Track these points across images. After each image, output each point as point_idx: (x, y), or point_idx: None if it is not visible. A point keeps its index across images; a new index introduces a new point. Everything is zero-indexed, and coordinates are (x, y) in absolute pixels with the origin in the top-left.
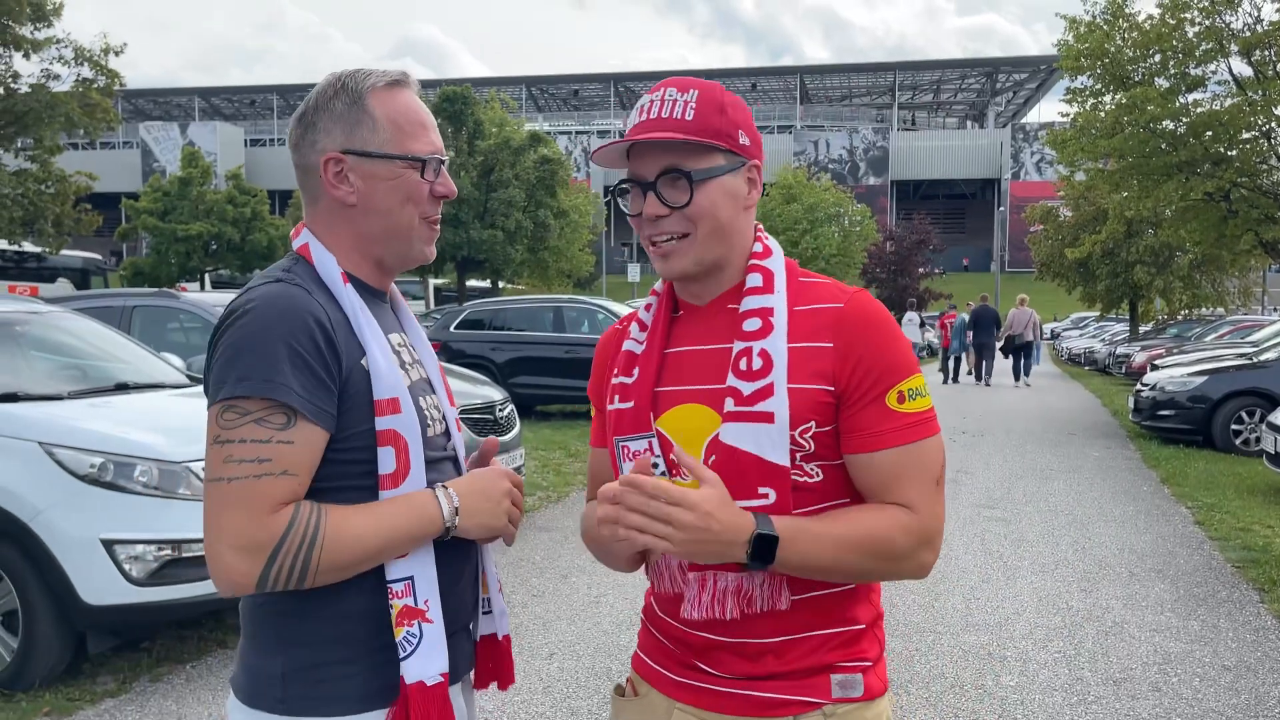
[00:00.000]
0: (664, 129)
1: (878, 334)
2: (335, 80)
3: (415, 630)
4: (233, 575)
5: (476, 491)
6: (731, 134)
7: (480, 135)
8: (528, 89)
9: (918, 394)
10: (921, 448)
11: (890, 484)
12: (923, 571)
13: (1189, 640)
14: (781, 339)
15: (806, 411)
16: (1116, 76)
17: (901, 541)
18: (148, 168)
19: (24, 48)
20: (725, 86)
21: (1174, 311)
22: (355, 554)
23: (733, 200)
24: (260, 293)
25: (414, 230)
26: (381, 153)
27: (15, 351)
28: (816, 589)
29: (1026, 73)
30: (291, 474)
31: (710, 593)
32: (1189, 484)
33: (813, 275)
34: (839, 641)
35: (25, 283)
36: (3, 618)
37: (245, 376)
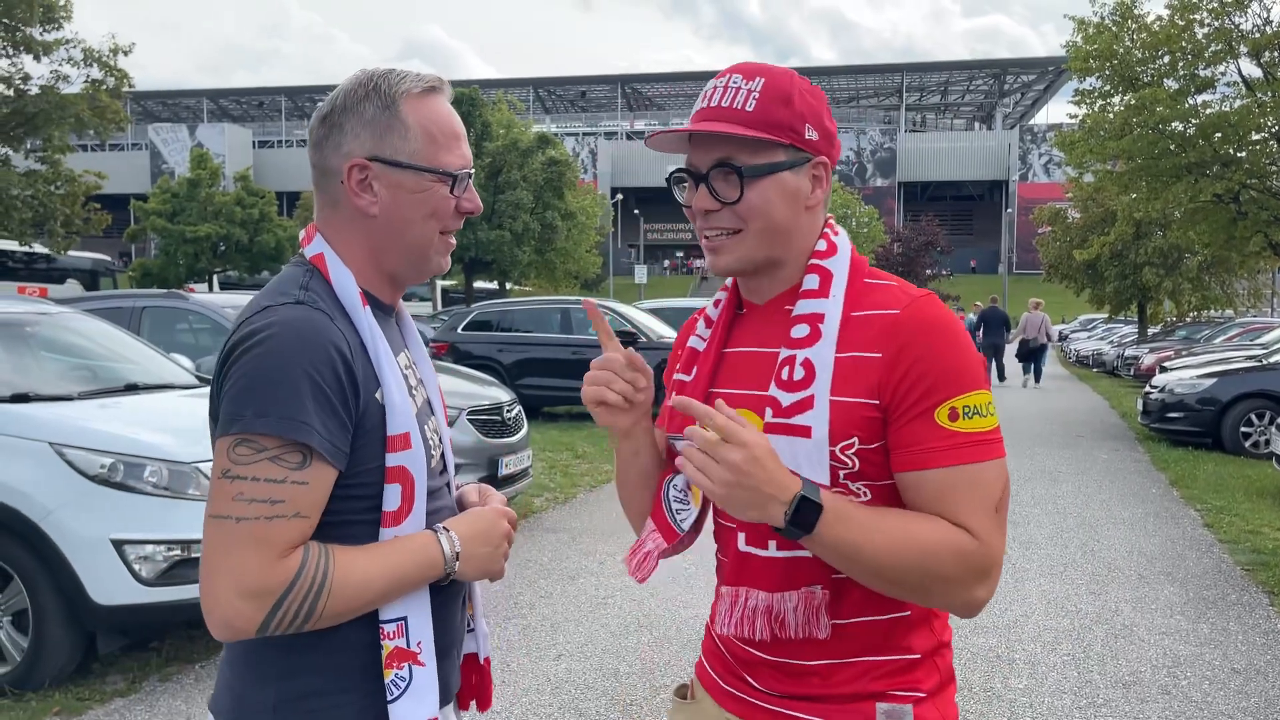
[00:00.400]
0: (720, 119)
1: (933, 343)
2: (367, 80)
3: (405, 673)
4: (235, 621)
5: (478, 535)
6: (796, 128)
7: (488, 137)
8: (535, 90)
9: (976, 412)
10: (977, 470)
11: (942, 507)
12: (971, 608)
13: (1198, 643)
14: (829, 348)
15: (849, 427)
16: (1125, 78)
17: (951, 564)
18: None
19: (34, 49)
20: None
21: (1183, 313)
22: (360, 600)
23: (791, 199)
24: (280, 316)
25: (432, 245)
26: (411, 164)
27: (26, 352)
28: (863, 615)
29: (1034, 74)
30: (304, 516)
31: (740, 610)
32: (1198, 486)
33: (881, 276)
34: (889, 669)
35: (35, 284)
36: (13, 617)
37: (264, 412)
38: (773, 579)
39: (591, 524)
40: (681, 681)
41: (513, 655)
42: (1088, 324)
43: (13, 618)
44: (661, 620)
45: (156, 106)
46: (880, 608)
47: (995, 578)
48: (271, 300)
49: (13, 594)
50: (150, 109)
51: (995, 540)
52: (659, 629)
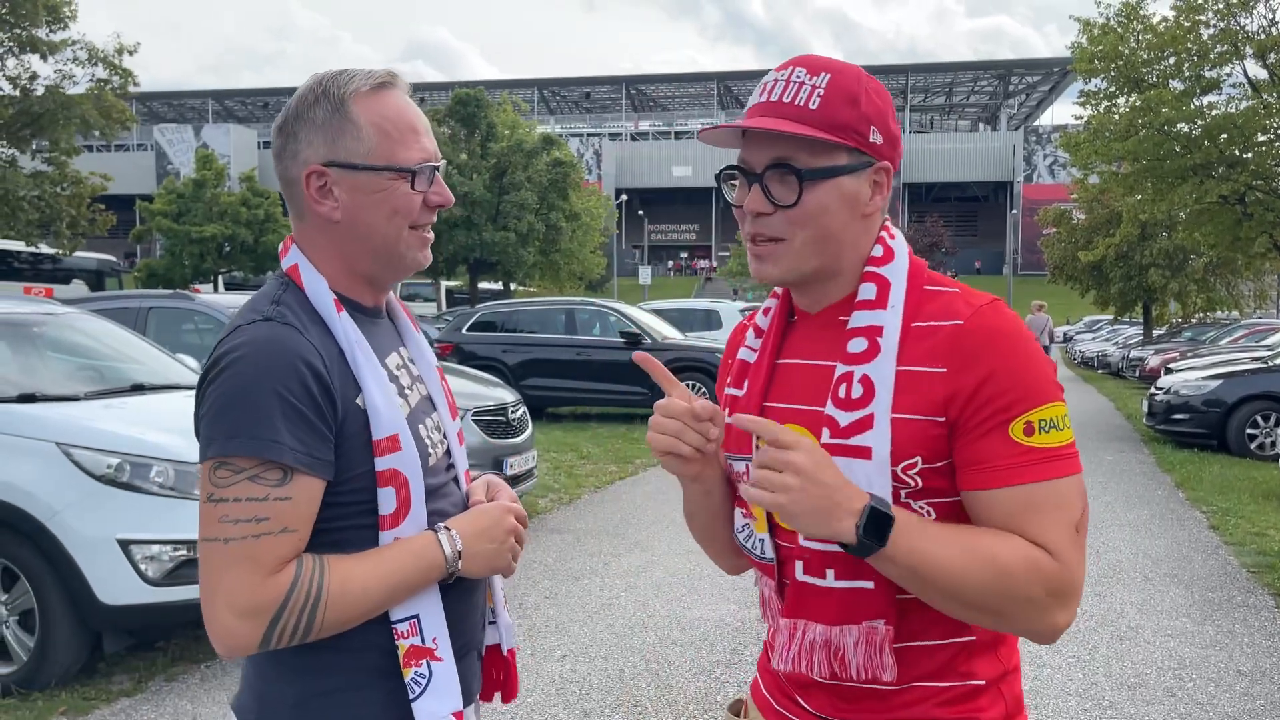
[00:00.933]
0: (782, 116)
1: (1003, 354)
2: (316, 84)
3: (424, 670)
4: (234, 639)
5: (480, 532)
6: (861, 130)
7: (493, 138)
8: (540, 91)
9: (1053, 426)
10: (1056, 487)
11: (1017, 527)
12: (1051, 633)
13: (1204, 645)
14: (889, 363)
15: (912, 446)
16: (1130, 79)
17: (1030, 584)
18: (162, 170)
19: (40, 49)
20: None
21: (1188, 315)
22: (360, 608)
23: (849, 205)
24: (248, 336)
25: (402, 243)
26: (367, 165)
27: (32, 352)
28: (925, 639)
29: (1039, 75)
30: (291, 530)
31: (799, 644)
32: (1204, 488)
33: (941, 282)
34: (950, 696)
35: (40, 284)
36: (20, 617)
37: (235, 433)
38: (830, 612)
39: (596, 525)
40: (718, 686)
41: (517, 656)
42: (1093, 325)
43: (19, 617)
44: (666, 621)
45: (162, 107)
46: (943, 632)
47: (1076, 602)
48: (243, 319)
49: (19, 594)
50: (156, 110)
51: (1076, 561)
52: (663, 630)
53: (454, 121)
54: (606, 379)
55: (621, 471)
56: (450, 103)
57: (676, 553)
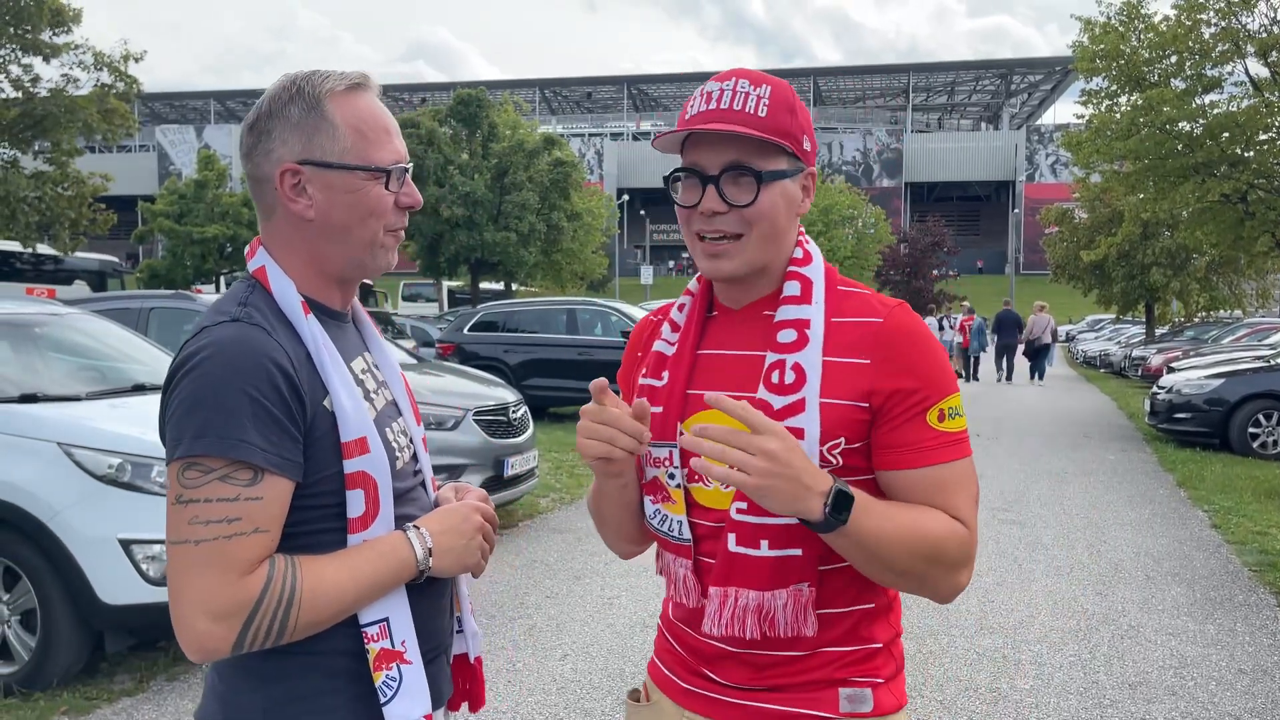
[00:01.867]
0: (737, 122)
1: (919, 351)
2: (290, 84)
3: (395, 674)
4: (207, 642)
5: (449, 530)
6: (798, 137)
7: (494, 138)
8: (541, 91)
9: (956, 413)
10: (962, 466)
11: (938, 500)
12: (955, 592)
13: (1205, 644)
14: (816, 352)
15: (838, 428)
16: (1132, 78)
17: (953, 551)
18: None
19: (43, 52)
20: None
21: (1191, 314)
22: (332, 608)
23: (790, 206)
24: (215, 336)
25: (375, 243)
26: (342, 163)
27: (34, 353)
28: (835, 606)
29: (1041, 74)
30: (263, 530)
31: (731, 610)
32: (1206, 487)
33: (851, 284)
34: (853, 659)
35: (42, 285)
36: (21, 617)
37: (203, 433)
38: (763, 578)
39: None
40: (634, 688)
41: (519, 655)
42: (1095, 324)
43: (21, 617)
44: None
45: (164, 108)
46: (848, 599)
47: (973, 567)
48: (209, 320)
49: (21, 593)
50: (157, 110)
51: (975, 529)
52: None
53: (455, 121)
54: (608, 379)
55: None
56: (452, 102)
57: None
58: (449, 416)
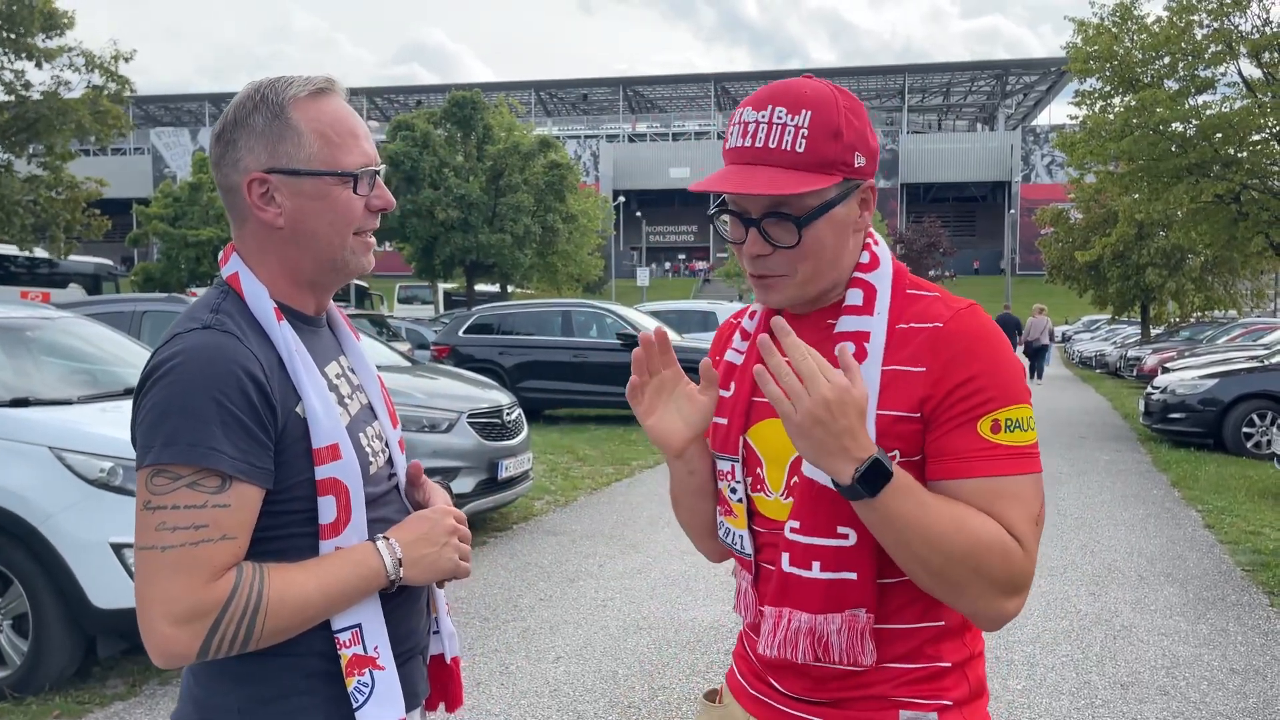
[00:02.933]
0: (769, 164)
1: (977, 355)
2: (254, 92)
3: (367, 679)
4: (172, 647)
5: (420, 539)
6: (847, 160)
7: (489, 140)
8: (537, 93)
9: (1018, 426)
10: (1018, 483)
11: (989, 513)
12: (998, 619)
13: (1198, 644)
14: (875, 367)
15: (892, 440)
16: (1125, 79)
17: (997, 564)
18: (159, 173)
19: (36, 56)
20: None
21: (1186, 314)
22: (299, 617)
23: (842, 229)
24: (186, 344)
25: (346, 248)
26: (309, 170)
27: (26, 356)
28: (897, 622)
29: (1036, 75)
30: (231, 537)
31: (784, 632)
32: (1199, 487)
33: (922, 286)
34: (915, 677)
35: (37, 288)
36: (13, 621)
37: (172, 441)
38: (816, 601)
39: (592, 527)
40: (711, 686)
41: (512, 658)
42: (1090, 325)
43: (13, 621)
44: (661, 623)
45: (159, 111)
46: (915, 616)
47: (1026, 594)
48: (181, 327)
49: (13, 598)
50: (152, 113)
51: (1034, 553)
52: (658, 631)
53: (450, 124)
54: (603, 381)
55: (618, 473)
56: (446, 104)
57: (672, 555)
58: (443, 419)
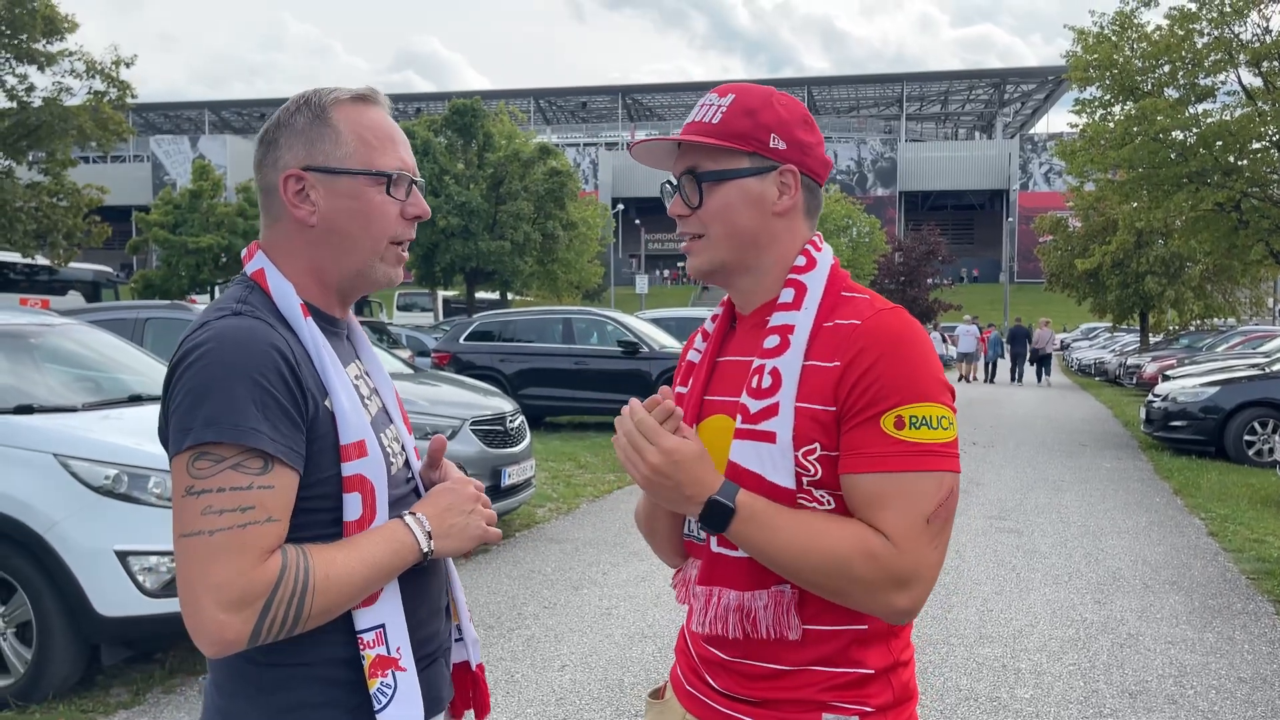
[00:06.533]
0: (691, 132)
1: (889, 352)
2: (300, 97)
3: (390, 681)
4: (224, 633)
5: (446, 509)
6: (760, 137)
7: (490, 148)
8: (536, 101)
9: (925, 423)
10: (913, 479)
11: (869, 511)
12: (895, 616)
13: (1204, 652)
14: (796, 358)
15: (811, 432)
16: (1125, 87)
17: (860, 567)
18: (158, 181)
19: (38, 61)
20: None
21: (1186, 322)
22: (344, 594)
23: (755, 205)
24: (217, 327)
25: (379, 254)
26: (343, 168)
27: (30, 363)
28: (820, 623)
29: (1034, 83)
30: (276, 519)
31: (715, 609)
32: (1202, 495)
33: (858, 290)
34: (839, 682)
35: (37, 295)
36: (17, 629)
37: (213, 420)
38: (743, 578)
39: (595, 534)
40: (657, 687)
41: (517, 666)
42: (1089, 333)
43: (17, 629)
44: (666, 630)
45: (158, 118)
46: (838, 618)
47: (919, 589)
48: (209, 316)
49: (16, 606)
50: (152, 121)
51: (918, 550)
52: (663, 639)
53: (451, 131)
54: (604, 388)
55: (620, 481)
56: (447, 112)
57: None
58: (446, 426)
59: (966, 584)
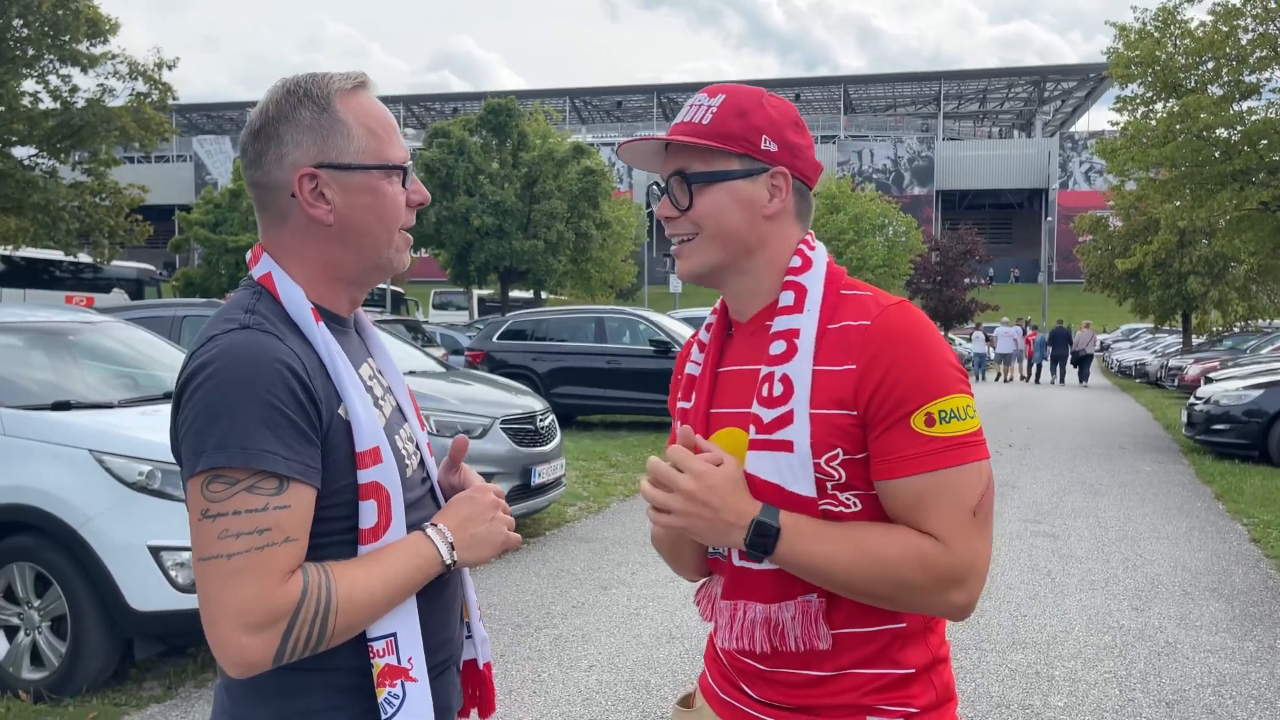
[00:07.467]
0: (675, 132)
1: (905, 351)
2: (294, 86)
3: (398, 691)
4: (249, 656)
5: (468, 519)
6: (750, 139)
7: (524, 147)
8: (571, 100)
9: (954, 415)
10: (954, 475)
11: (915, 515)
12: (955, 613)
13: (1244, 661)
14: (805, 363)
15: (832, 438)
16: (1168, 84)
17: (916, 573)
18: (200, 180)
19: (81, 62)
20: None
21: (1229, 323)
22: (367, 611)
23: (745, 207)
24: (224, 343)
25: (393, 245)
26: (360, 164)
27: (69, 360)
28: (856, 625)
29: (1075, 81)
30: (294, 539)
31: (740, 624)
32: (1244, 500)
33: (857, 286)
34: (882, 684)
35: (82, 293)
36: (51, 623)
37: (224, 444)
38: (767, 590)
39: (625, 534)
40: (687, 691)
41: (544, 666)
42: (1130, 334)
43: (51, 623)
44: (694, 632)
45: (201, 119)
46: (872, 619)
47: (974, 582)
48: (216, 329)
49: (51, 599)
50: (195, 121)
51: (969, 544)
52: (691, 640)
53: (486, 131)
54: (636, 387)
55: None
56: (482, 112)
57: None
58: (476, 425)
59: (1000, 588)
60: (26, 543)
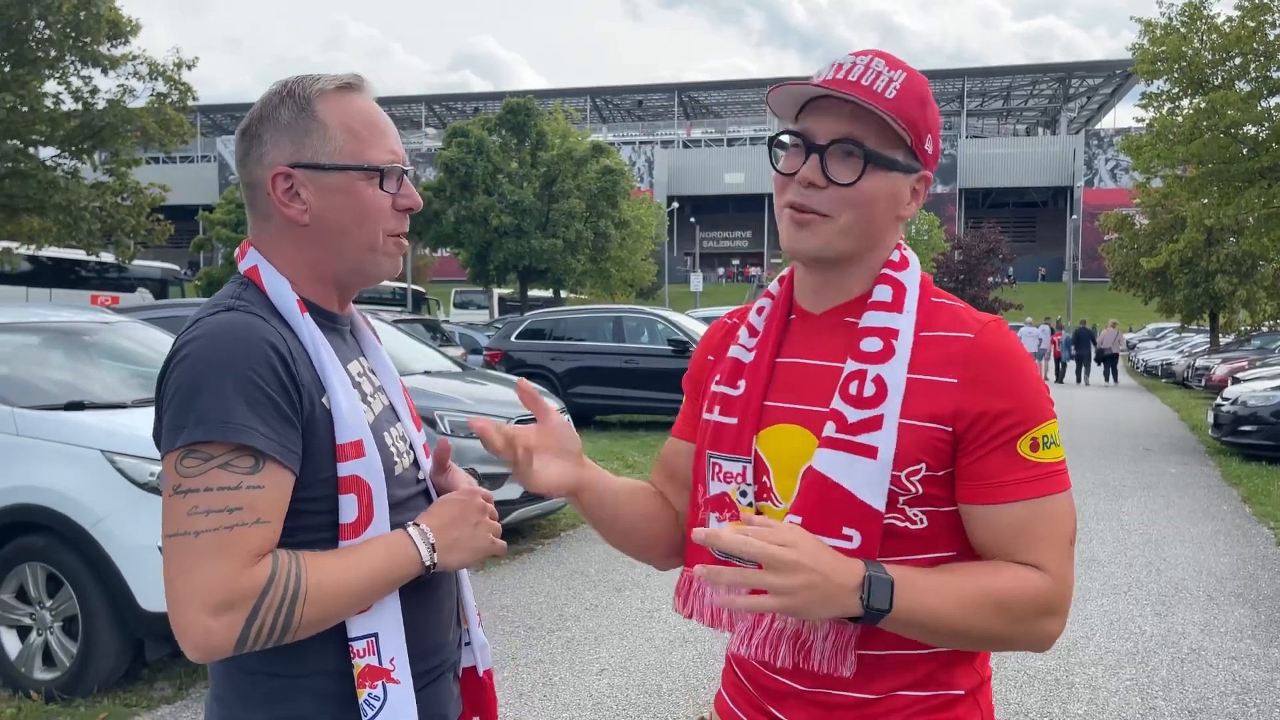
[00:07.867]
0: (862, 93)
1: (1013, 372)
2: (281, 88)
3: (379, 693)
4: (209, 639)
5: (451, 522)
6: (922, 133)
7: (543, 146)
8: (592, 99)
9: (1052, 442)
10: (1054, 502)
11: (1019, 542)
12: (1046, 642)
13: (1270, 669)
14: (902, 366)
15: (918, 452)
16: (1194, 80)
17: (1028, 609)
18: (224, 180)
19: (102, 64)
20: None
21: (1258, 323)
22: (339, 604)
23: (892, 202)
24: (209, 324)
25: (376, 249)
26: (333, 164)
27: (85, 360)
28: (900, 648)
29: (1100, 77)
30: (265, 521)
31: (765, 631)
32: (1271, 503)
33: (946, 296)
34: (930, 706)
35: (107, 292)
36: (63, 623)
37: (204, 419)
38: None
39: None
40: (701, 715)
41: (555, 669)
42: (1156, 333)
43: (63, 623)
44: (706, 636)
45: (225, 119)
46: (917, 642)
47: (1066, 610)
48: (203, 313)
49: (63, 600)
50: (219, 122)
51: (1068, 575)
52: (703, 644)
53: (505, 130)
54: (654, 387)
55: None
56: (501, 111)
57: None
58: None
59: None
60: (38, 543)
